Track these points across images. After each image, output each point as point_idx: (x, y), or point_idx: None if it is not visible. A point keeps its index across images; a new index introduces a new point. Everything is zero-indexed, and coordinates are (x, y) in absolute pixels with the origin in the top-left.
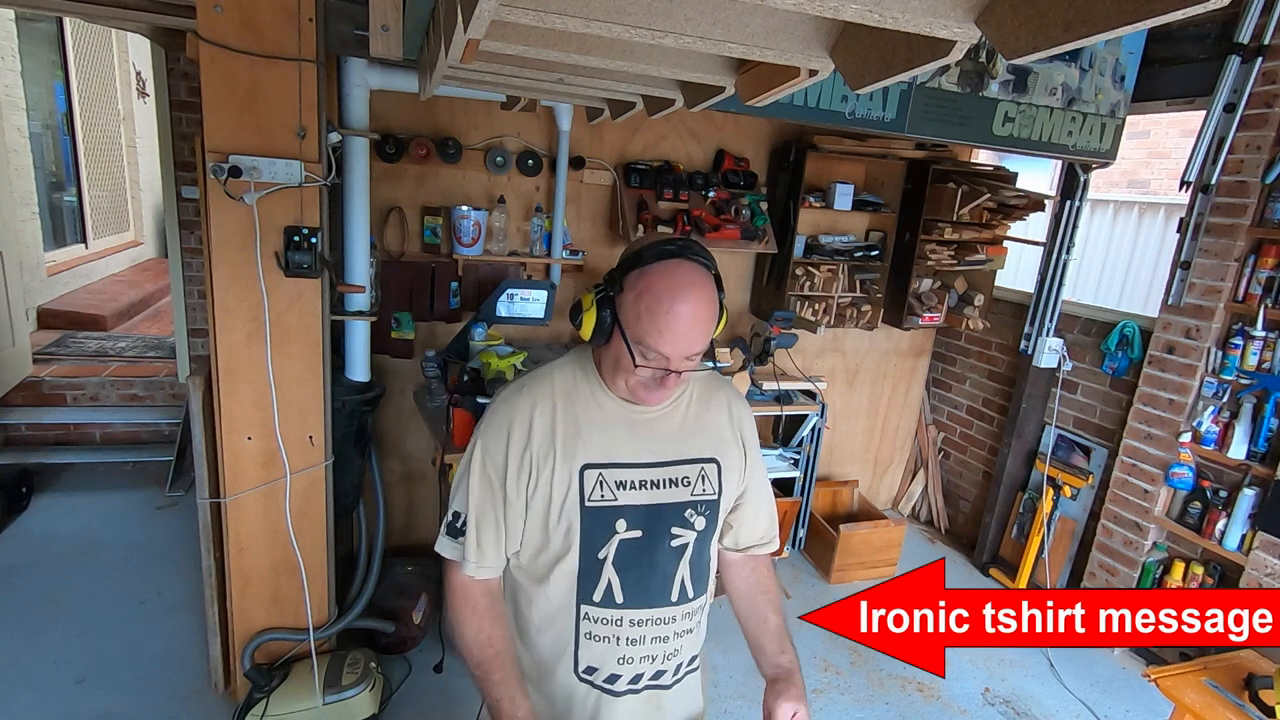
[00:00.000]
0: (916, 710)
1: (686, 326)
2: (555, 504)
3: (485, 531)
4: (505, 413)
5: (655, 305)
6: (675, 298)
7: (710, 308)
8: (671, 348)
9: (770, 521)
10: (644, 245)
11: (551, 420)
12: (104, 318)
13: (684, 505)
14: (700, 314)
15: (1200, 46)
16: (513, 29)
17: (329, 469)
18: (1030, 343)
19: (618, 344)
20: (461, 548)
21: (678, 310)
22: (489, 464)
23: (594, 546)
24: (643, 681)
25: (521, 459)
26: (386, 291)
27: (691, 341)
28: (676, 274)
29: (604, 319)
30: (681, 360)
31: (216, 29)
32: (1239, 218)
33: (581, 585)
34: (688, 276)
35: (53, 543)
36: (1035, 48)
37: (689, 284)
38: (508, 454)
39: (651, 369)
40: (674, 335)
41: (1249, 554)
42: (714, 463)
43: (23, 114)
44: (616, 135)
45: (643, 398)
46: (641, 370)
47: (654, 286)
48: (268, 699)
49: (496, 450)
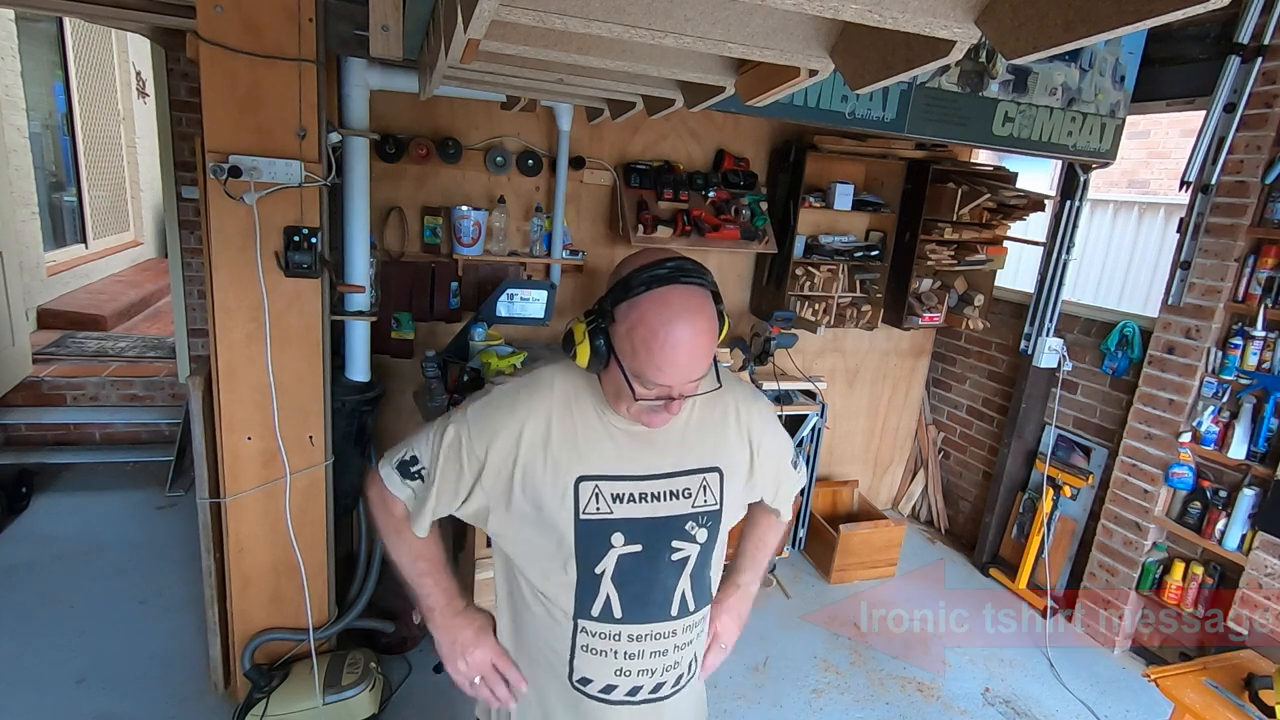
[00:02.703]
0: (916, 710)
1: (687, 357)
2: (549, 517)
3: (440, 502)
4: (498, 418)
5: (651, 339)
6: (671, 328)
7: (709, 332)
8: (673, 378)
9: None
10: (632, 271)
11: (546, 432)
12: (104, 318)
13: (685, 518)
14: (700, 341)
15: (1200, 46)
16: (513, 29)
17: (329, 469)
18: (1030, 343)
19: (616, 374)
20: (411, 494)
21: (675, 340)
22: (465, 450)
23: (590, 561)
24: (641, 694)
25: (501, 464)
26: (386, 291)
27: (693, 369)
28: (670, 303)
29: (599, 349)
30: (683, 386)
31: (216, 29)
32: (1239, 218)
33: (579, 600)
34: (682, 303)
35: (53, 543)
36: (1035, 48)
37: (684, 311)
38: (488, 454)
39: (653, 398)
40: (674, 367)
41: (1249, 554)
42: (716, 471)
43: (23, 114)
44: (616, 135)
45: (647, 422)
46: (643, 399)
47: (647, 318)
48: (268, 699)
49: (478, 444)
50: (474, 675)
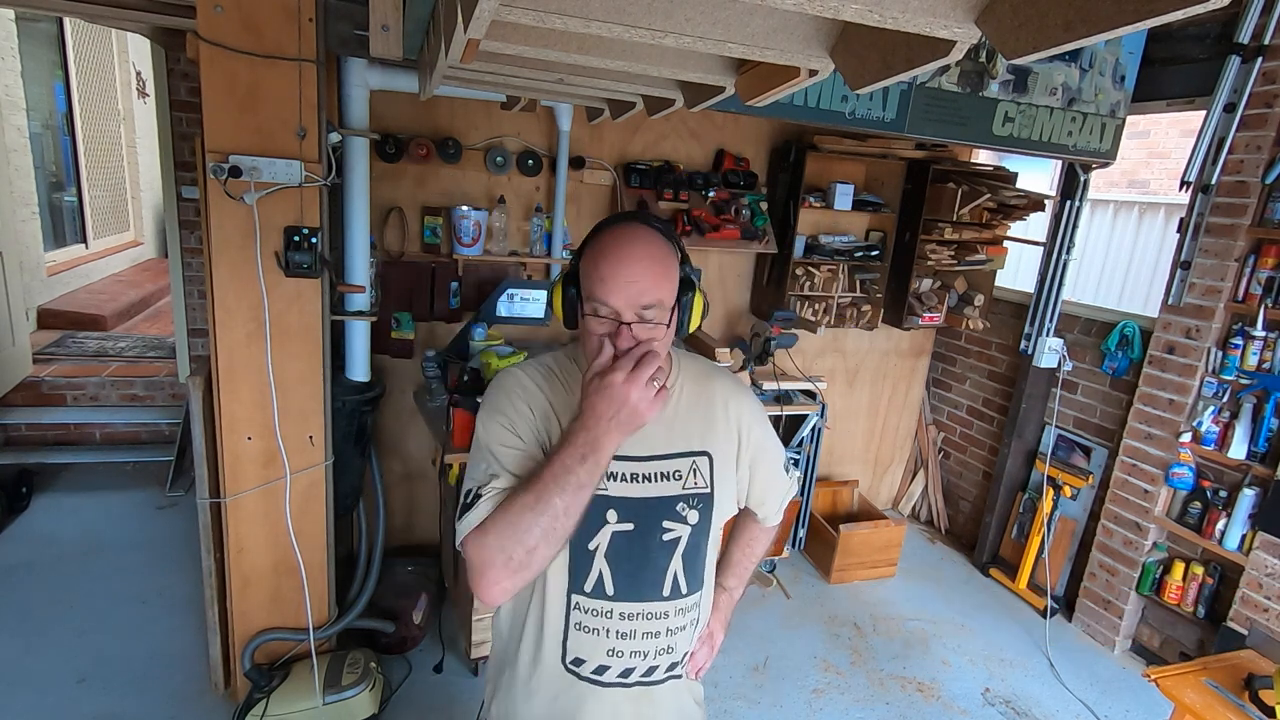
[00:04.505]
0: (916, 710)
1: (630, 272)
2: None
3: (509, 456)
4: (507, 384)
5: (600, 257)
6: (618, 245)
7: (658, 258)
8: (619, 297)
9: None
10: (600, 221)
11: (547, 401)
12: (104, 318)
13: (675, 499)
14: (645, 263)
15: (1200, 46)
16: (513, 29)
17: (329, 469)
18: (1030, 343)
19: (584, 323)
20: (492, 492)
21: (620, 255)
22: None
23: (585, 536)
24: (633, 677)
25: (533, 413)
26: (386, 291)
27: (639, 291)
28: (618, 231)
29: (569, 295)
30: (632, 312)
31: (216, 29)
32: (1239, 218)
33: (573, 574)
34: (632, 231)
35: (53, 543)
36: (1035, 48)
37: (633, 236)
38: (517, 410)
39: (605, 326)
40: (618, 282)
41: (1249, 554)
42: (705, 455)
43: (23, 114)
44: (616, 135)
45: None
46: (595, 330)
47: (601, 243)
48: (268, 699)
49: (509, 407)
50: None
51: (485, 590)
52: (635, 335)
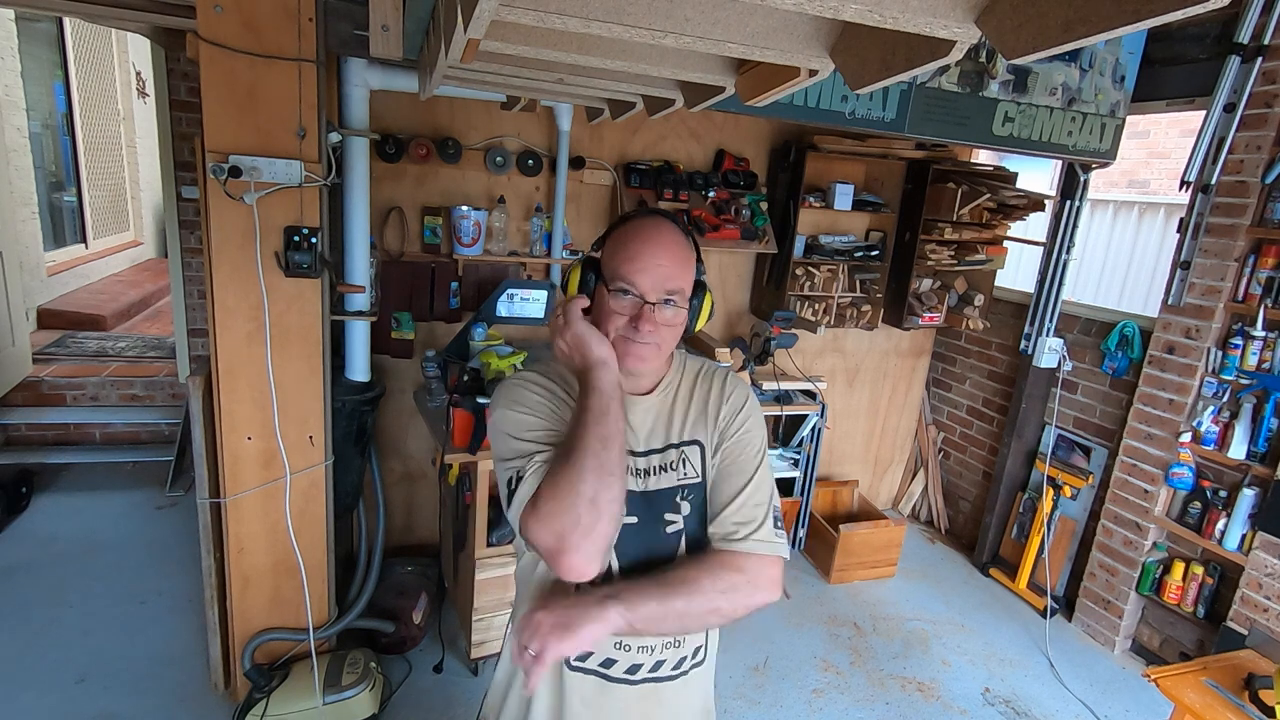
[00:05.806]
0: (916, 710)
1: (659, 255)
2: None
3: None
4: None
5: (627, 240)
6: (647, 231)
7: (682, 249)
8: (646, 277)
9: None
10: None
11: (552, 399)
12: (104, 318)
13: (674, 491)
14: (673, 249)
15: (1200, 46)
16: (513, 29)
17: (329, 469)
18: (1030, 343)
19: (600, 301)
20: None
21: (650, 237)
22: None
23: None
24: (640, 673)
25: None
26: (386, 291)
27: (666, 275)
28: (650, 220)
29: (587, 277)
30: (656, 294)
31: (216, 29)
32: (1239, 218)
33: None
34: (660, 222)
35: (53, 543)
36: (1035, 48)
37: (661, 225)
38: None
39: (628, 307)
40: (644, 261)
41: (1249, 554)
42: (696, 445)
43: (23, 114)
44: (616, 135)
45: (624, 352)
46: (617, 315)
47: (630, 228)
48: (268, 699)
49: (523, 397)
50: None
51: (568, 562)
52: (656, 320)
